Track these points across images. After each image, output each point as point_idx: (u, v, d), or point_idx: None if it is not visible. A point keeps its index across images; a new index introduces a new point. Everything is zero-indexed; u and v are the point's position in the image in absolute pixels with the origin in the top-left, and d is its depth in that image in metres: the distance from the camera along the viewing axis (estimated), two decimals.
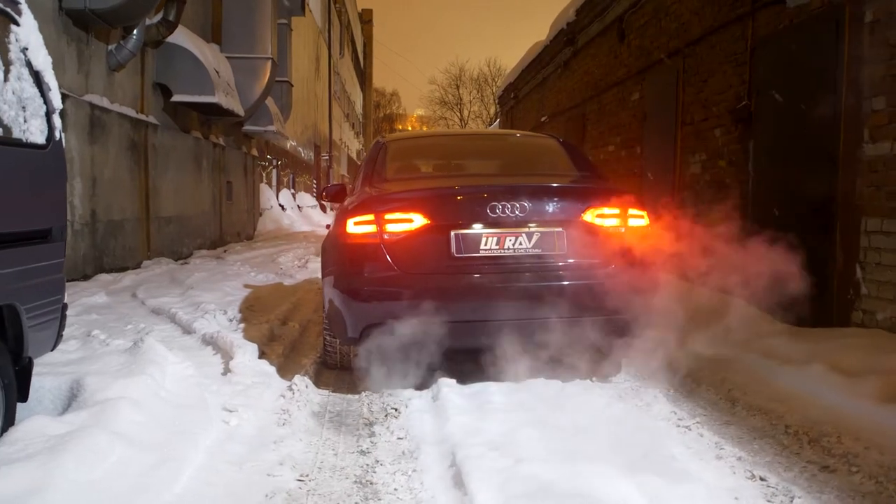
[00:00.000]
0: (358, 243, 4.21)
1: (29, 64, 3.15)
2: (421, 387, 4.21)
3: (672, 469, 2.93)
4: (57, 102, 3.34)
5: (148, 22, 10.31)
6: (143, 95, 10.79)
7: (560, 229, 4.20)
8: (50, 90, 3.29)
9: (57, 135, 3.33)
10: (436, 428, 3.55)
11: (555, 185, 4.52)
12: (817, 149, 5.00)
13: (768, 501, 2.72)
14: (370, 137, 61.52)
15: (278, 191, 21.90)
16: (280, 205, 21.38)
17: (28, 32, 3.15)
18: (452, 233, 4.14)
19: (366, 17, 55.74)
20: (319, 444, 3.42)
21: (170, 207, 11.67)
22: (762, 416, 3.68)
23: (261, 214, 18.95)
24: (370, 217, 4.20)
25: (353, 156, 49.11)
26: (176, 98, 11.43)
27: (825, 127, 4.92)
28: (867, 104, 4.59)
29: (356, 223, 4.23)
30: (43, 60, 3.24)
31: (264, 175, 20.18)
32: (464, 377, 4.23)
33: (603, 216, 4.27)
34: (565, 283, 4.13)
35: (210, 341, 5.12)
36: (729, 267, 6.48)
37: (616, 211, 4.29)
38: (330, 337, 4.65)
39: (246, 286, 8.21)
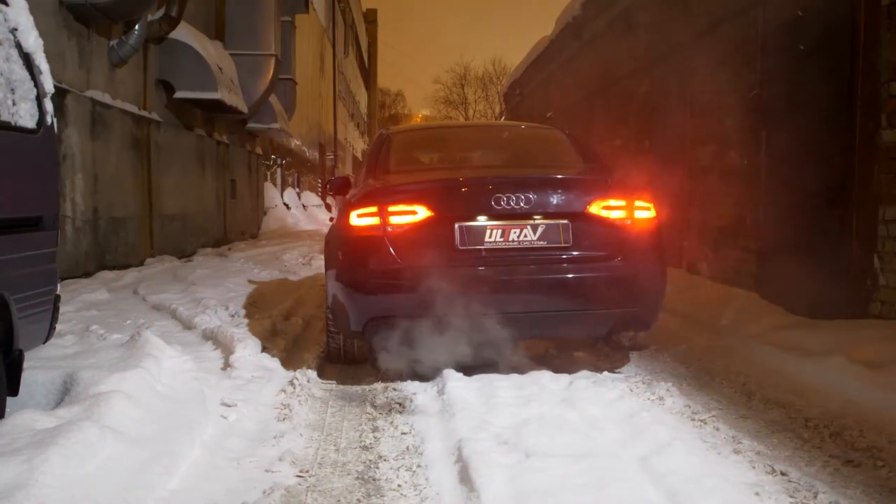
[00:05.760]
0: (361, 236, 4.15)
1: (19, 45, 3.04)
2: (425, 381, 4.13)
3: (688, 464, 2.80)
4: (49, 86, 3.23)
5: (150, 18, 10.19)
6: (146, 92, 10.68)
7: (565, 221, 4.12)
8: (41, 73, 3.18)
9: (49, 120, 3.22)
10: (442, 422, 3.44)
11: (560, 176, 4.44)
12: (833, 136, 4.86)
13: (791, 497, 2.59)
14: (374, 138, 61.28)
15: (283, 190, 21.79)
16: (285, 203, 21.27)
17: (18, 13, 3.04)
18: (457, 225, 4.07)
19: (370, 17, 55.54)
20: (321, 440, 3.31)
21: (173, 205, 11.57)
22: (780, 410, 3.55)
23: (265, 213, 18.85)
24: (373, 209, 4.14)
25: (358, 155, 48.98)
26: (179, 94, 11.31)
27: (840, 114, 4.78)
28: (885, 89, 4.46)
29: (359, 215, 4.17)
30: (34, 42, 3.13)
31: (269, 174, 20.09)
32: (469, 371, 4.13)
33: (609, 208, 4.19)
34: (571, 275, 4.08)
35: (210, 336, 5.02)
36: (741, 258, 6.37)
37: (622, 203, 4.20)
38: (333, 330, 4.57)
39: (249, 283, 8.11)
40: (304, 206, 24.05)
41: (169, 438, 2.95)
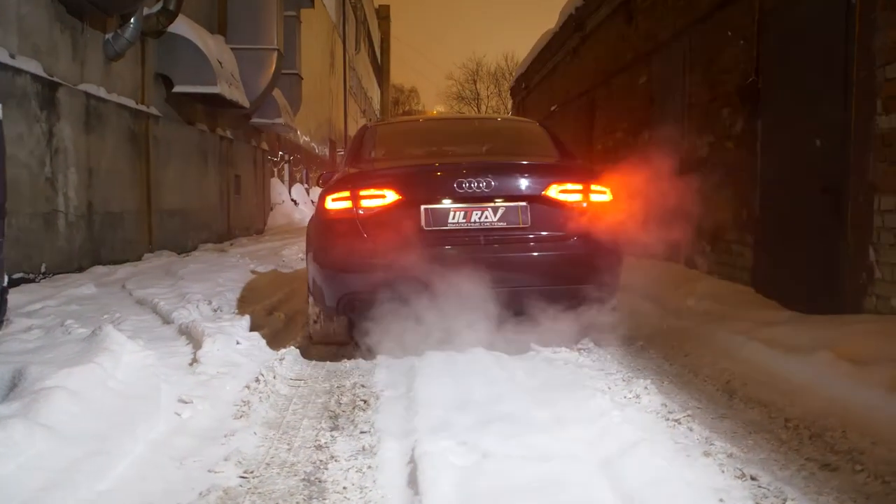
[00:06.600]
0: (334, 218, 4.42)
1: None
2: (395, 376, 4.04)
3: (653, 467, 2.63)
4: None
5: (147, 11, 10.10)
6: (144, 86, 10.59)
7: (524, 204, 4.36)
8: None
9: None
10: (404, 421, 3.29)
11: (518, 161, 4.69)
12: (827, 124, 4.65)
13: (757, 503, 2.41)
14: None
15: (290, 186, 21.72)
16: (292, 199, 21.20)
17: None
18: (422, 207, 4.33)
19: (383, 13, 55.42)
20: (275, 439, 3.16)
21: (173, 200, 11.48)
22: (761, 409, 3.37)
23: (272, 209, 18.78)
24: (346, 194, 4.41)
25: None
26: (177, 88, 11.22)
27: (836, 100, 4.58)
28: (880, 73, 4.25)
29: (333, 199, 4.44)
30: None
31: (276, 170, 20.01)
32: (440, 365, 4.07)
33: (566, 191, 4.40)
34: (528, 254, 4.33)
35: (185, 331, 4.91)
36: (737, 253, 6.17)
37: (579, 187, 4.41)
38: (313, 313, 4.78)
39: (241, 277, 7.99)
40: (312, 201, 23.97)
41: (110, 436, 2.83)
